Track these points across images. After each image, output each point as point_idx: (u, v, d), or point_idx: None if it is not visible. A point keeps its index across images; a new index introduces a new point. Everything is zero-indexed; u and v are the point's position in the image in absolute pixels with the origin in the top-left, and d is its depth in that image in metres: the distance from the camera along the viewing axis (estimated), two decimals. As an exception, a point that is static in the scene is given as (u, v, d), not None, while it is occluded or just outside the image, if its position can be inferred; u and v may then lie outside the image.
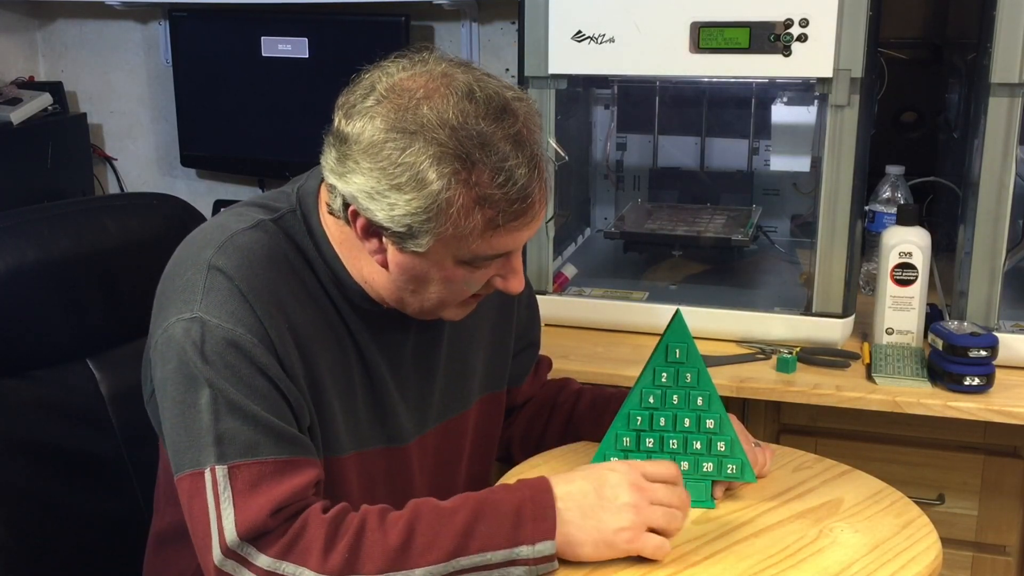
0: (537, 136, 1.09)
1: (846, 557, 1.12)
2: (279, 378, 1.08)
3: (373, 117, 1.05)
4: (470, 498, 1.08)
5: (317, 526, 1.03)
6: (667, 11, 1.67)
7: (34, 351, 1.34)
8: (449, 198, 1.03)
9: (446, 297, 1.14)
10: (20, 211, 1.39)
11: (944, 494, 1.66)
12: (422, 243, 1.07)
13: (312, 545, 1.02)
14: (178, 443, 1.07)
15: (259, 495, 1.03)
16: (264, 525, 1.03)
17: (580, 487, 1.09)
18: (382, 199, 1.05)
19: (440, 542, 1.03)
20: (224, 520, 1.03)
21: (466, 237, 1.06)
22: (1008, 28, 1.55)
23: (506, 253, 1.11)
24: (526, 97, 1.10)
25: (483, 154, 1.03)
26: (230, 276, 1.08)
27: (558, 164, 1.82)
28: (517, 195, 1.05)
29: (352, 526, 1.04)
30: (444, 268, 1.10)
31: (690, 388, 1.22)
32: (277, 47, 2.41)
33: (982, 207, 1.62)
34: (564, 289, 1.89)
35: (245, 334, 1.07)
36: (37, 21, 2.73)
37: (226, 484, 1.04)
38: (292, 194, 1.19)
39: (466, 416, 1.33)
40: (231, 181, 2.69)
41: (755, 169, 2.09)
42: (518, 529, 1.05)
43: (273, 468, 1.05)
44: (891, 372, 1.61)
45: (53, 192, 2.43)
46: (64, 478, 1.34)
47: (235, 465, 1.04)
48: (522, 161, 1.05)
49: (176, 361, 1.07)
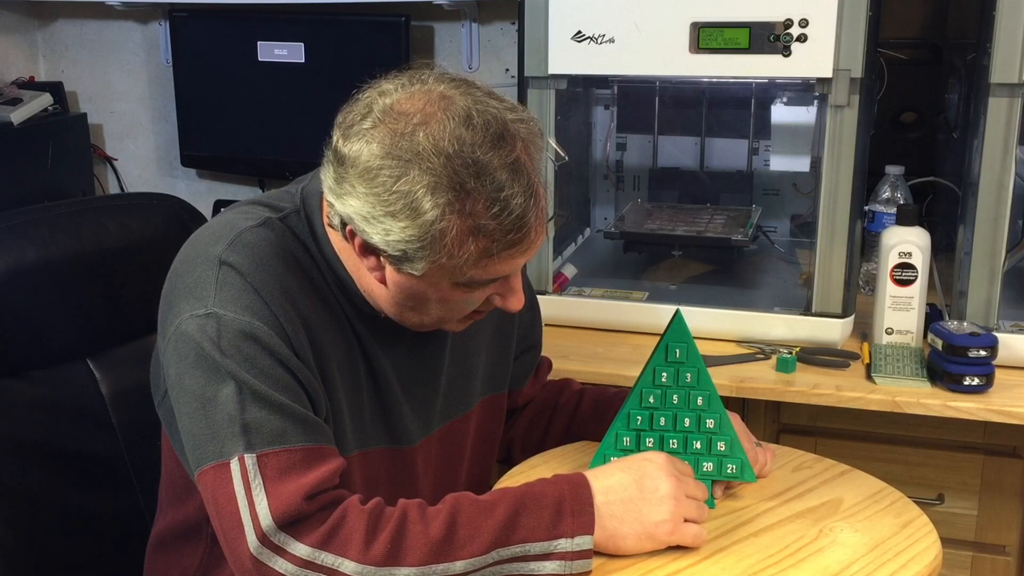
0: (537, 160, 1.08)
1: (846, 557, 1.12)
2: (298, 368, 1.08)
3: (370, 141, 1.04)
4: (509, 491, 1.09)
5: (357, 516, 1.03)
6: (667, 11, 1.67)
7: (34, 351, 1.35)
8: (443, 228, 1.03)
9: (445, 315, 1.15)
10: (21, 211, 1.39)
11: (944, 494, 1.66)
12: (418, 267, 1.07)
13: (353, 535, 1.02)
14: (199, 437, 1.06)
15: (290, 482, 1.03)
16: (299, 510, 1.02)
17: (620, 480, 1.11)
18: (377, 224, 1.05)
19: (482, 534, 1.04)
20: (258, 507, 1.02)
21: (461, 265, 1.06)
22: (1008, 28, 1.55)
23: (503, 277, 1.12)
24: (528, 117, 1.09)
25: (479, 183, 1.02)
26: (242, 272, 1.09)
27: (558, 164, 1.82)
28: (512, 225, 1.04)
29: (394, 518, 1.04)
30: (441, 290, 1.10)
31: (690, 388, 1.22)
32: (273, 52, 2.41)
33: (982, 207, 1.62)
34: (564, 289, 1.89)
35: (262, 326, 1.07)
36: (37, 21, 2.73)
37: (256, 472, 1.03)
38: (296, 194, 1.19)
39: (468, 418, 1.33)
40: (231, 181, 2.69)
41: (755, 169, 2.09)
42: (558, 522, 1.06)
43: (302, 456, 1.05)
44: (891, 372, 1.61)
45: (53, 192, 2.43)
46: (64, 478, 1.34)
47: (264, 454, 1.04)
48: (519, 191, 1.04)
49: (194, 356, 1.07)
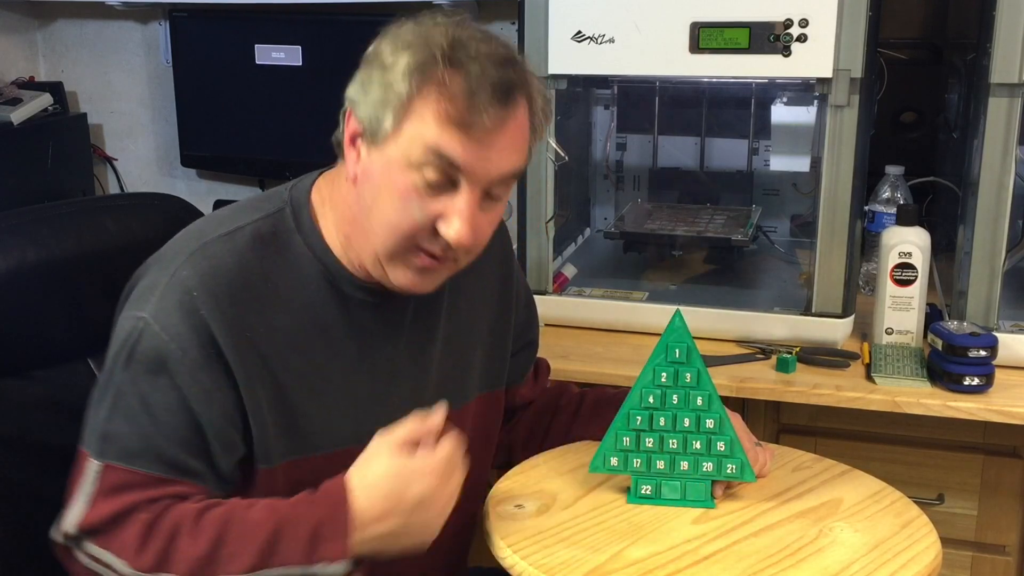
0: (533, 87, 1.13)
1: (846, 557, 1.12)
2: (196, 399, 1.10)
3: (381, 39, 1.13)
4: (278, 509, 1.10)
5: (135, 523, 1.08)
6: (667, 11, 1.67)
7: (35, 350, 1.35)
8: (414, 81, 1.07)
9: (398, 221, 1.12)
10: (22, 211, 1.39)
11: (944, 494, 1.66)
12: (387, 127, 1.09)
13: (127, 542, 1.07)
14: (89, 419, 1.14)
15: (115, 499, 1.08)
16: (99, 526, 1.08)
17: (376, 499, 1.09)
18: (361, 88, 1.12)
19: (244, 553, 1.07)
20: (74, 509, 1.10)
21: (420, 132, 1.08)
22: (1008, 28, 1.55)
23: (455, 174, 1.10)
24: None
25: (461, 54, 1.08)
26: (189, 288, 1.11)
27: (558, 164, 1.82)
28: (471, 103, 1.07)
29: (166, 528, 1.07)
30: (395, 175, 1.10)
31: (690, 388, 1.22)
32: (271, 55, 2.42)
33: (982, 207, 1.62)
34: (564, 289, 1.89)
35: (176, 351, 1.09)
36: (37, 21, 2.73)
37: (94, 480, 1.09)
38: (285, 192, 1.22)
39: (465, 412, 1.33)
40: (231, 181, 2.69)
41: (755, 169, 2.09)
42: (315, 548, 1.07)
43: (142, 480, 1.09)
44: (891, 372, 1.61)
45: (53, 192, 2.43)
46: (65, 478, 1.34)
47: (109, 466, 1.10)
48: (495, 77, 1.07)
49: (114, 351, 1.13)
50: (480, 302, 1.35)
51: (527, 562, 1.11)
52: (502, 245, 1.39)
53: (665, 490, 1.23)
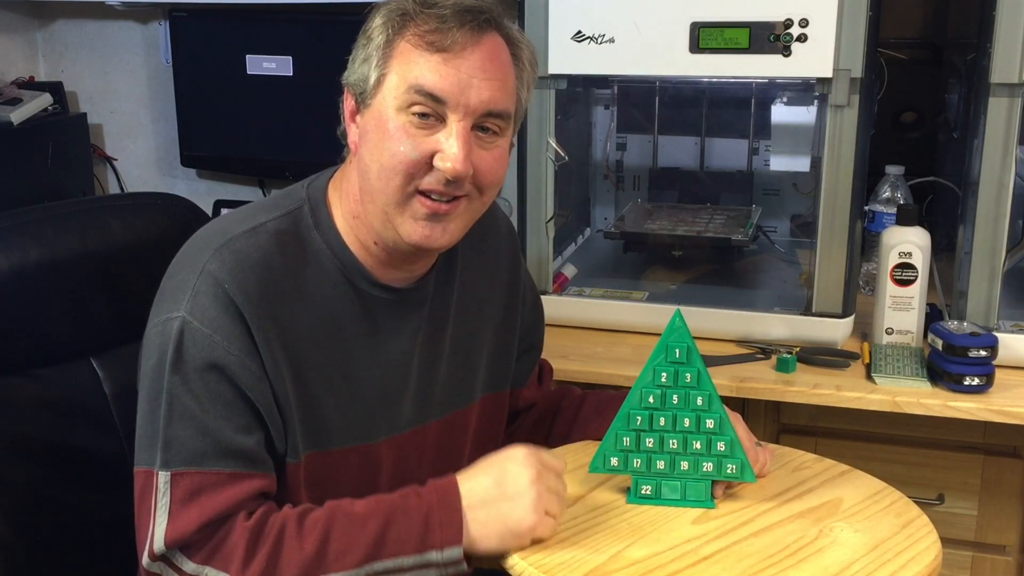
0: (509, 28, 1.18)
1: (846, 557, 1.12)
2: (249, 387, 1.10)
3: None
4: (383, 502, 1.11)
5: (239, 534, 1.07)
6: (667, 11, 1.67)
7: (38, 350, 1.35)
8: (390, 29, 1.14)
9: (394, 163, 1.13)
10: (24, 210, 1.39)
11: (944, 494, 1.66)
12: (372, 82, 1.13)
13: (234, 552, 1.06)
14: (141, 436, 1.11)
15: (194, 506, 1.07)
16: (190, 538, 1.07)
17: (481, 482, 1.12)
18: (352, 61, 1.17)
19: (354, 548, 1.07)
20: (157, 527, 1.07)
21: (398, 64, 1.12)
22: (1008, 28, 1.55)
23: (441, 110, 1.12)
24: None
25: (432, 3, 1.13)
26: (221, 281, 1.10)
27: (558, 164, 1.82)
28: (441, 29, 1.11)
29: (271, 534, 1.07)
30: (389, 119, 1.13)
31: (690, 388, 1.22)
32: (262, 65, 2.42)
33: (982, 207, 1.62)
34: (564, 289, 1.89)
35: (222, 342, 1.09)
36: (37, 21, 2.73)
37: (166, 490, 1.08)
38: (303, 189, 1.23)
39: (468, 412, 1.33)
40: (231, 181, 2.68)
41: (755, 169, 2.09)
42: (427, 535, 1.08)
43: (215, 480, 1.08)
44: (891, 372, 1.61)
45: (53, 192, 2.42)
46: (67, 477, 1.35)
47: (178, 473, 1.08)
48: (466, 10, 1.12)
49: (155, 359, 1.11)
50: (488, 304, 1.35)
51: (527, 562, 1.10)
52: (511, 248, 1.39)
53: (665, 490, 1.23)
